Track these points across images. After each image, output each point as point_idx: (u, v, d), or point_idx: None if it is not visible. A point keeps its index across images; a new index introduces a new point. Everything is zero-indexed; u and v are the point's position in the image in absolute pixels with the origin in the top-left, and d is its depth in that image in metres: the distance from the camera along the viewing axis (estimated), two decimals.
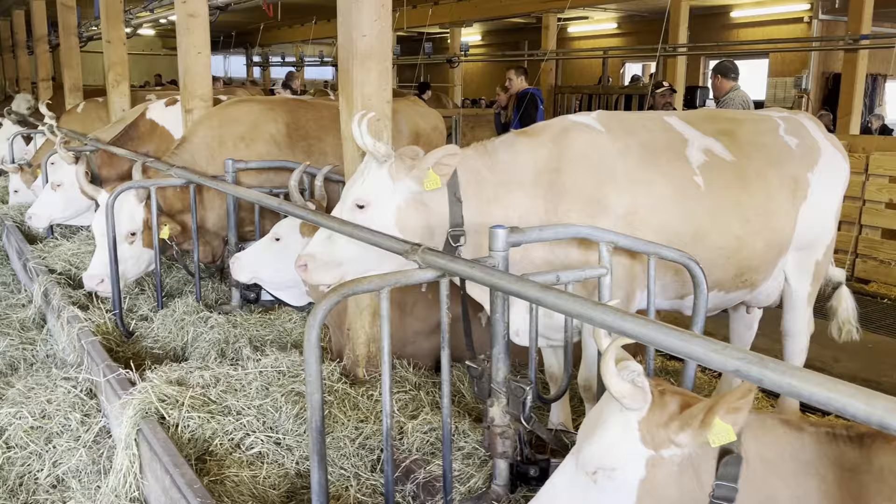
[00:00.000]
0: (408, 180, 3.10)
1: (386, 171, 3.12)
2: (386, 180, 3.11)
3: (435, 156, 3.06)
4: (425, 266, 2.47)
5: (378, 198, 3.11)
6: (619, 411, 2.05)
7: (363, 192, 3.12)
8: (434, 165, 3.06)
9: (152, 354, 4.54)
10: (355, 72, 3.72)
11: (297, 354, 3.94)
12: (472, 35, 23.77)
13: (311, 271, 3.13)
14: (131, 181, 5.02)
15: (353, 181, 3.22)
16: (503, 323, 2.67)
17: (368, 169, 3.16)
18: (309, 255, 3.14)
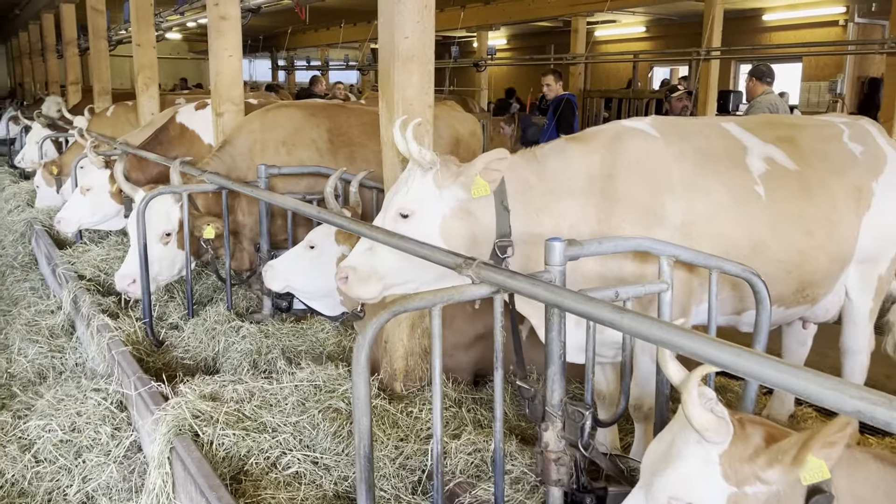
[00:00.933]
0: (454, 188, 2.95)
1: (431, 178, 2.97)
2: (431, 188, 2.97)
3: (483, 161, 2.91)
4: (479, 281, 2.32)
5: (423, 207, 2.97)
6: (697, 443, 1.88)
7: (407, 200, 2.98)
8: (482, 171, 2.92)
9: (183, 365, 4.42)
10: (396, 75, 3.58)
11: (333, 368, 3.80)
12: (498, 39, 23.60)
13: (352, 284, 3.00)
14: (163, 186, 4.92)
15: (396, 189, 3.08)
16: (559, 342, 2.50)
17: (412, 177, 3.02)
18: (350, 267, 3.01)
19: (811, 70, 16.55)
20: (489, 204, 3.02)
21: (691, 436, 1.88)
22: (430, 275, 3.05)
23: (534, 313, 3.22)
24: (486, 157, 2.90)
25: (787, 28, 16.88)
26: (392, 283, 3.05)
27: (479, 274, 2.29)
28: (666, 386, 2.82)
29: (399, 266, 2.98)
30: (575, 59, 14.33)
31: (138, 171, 6.70)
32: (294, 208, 3.75)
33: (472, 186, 2.93)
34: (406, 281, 3.09)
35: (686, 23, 19.00)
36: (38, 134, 10.34)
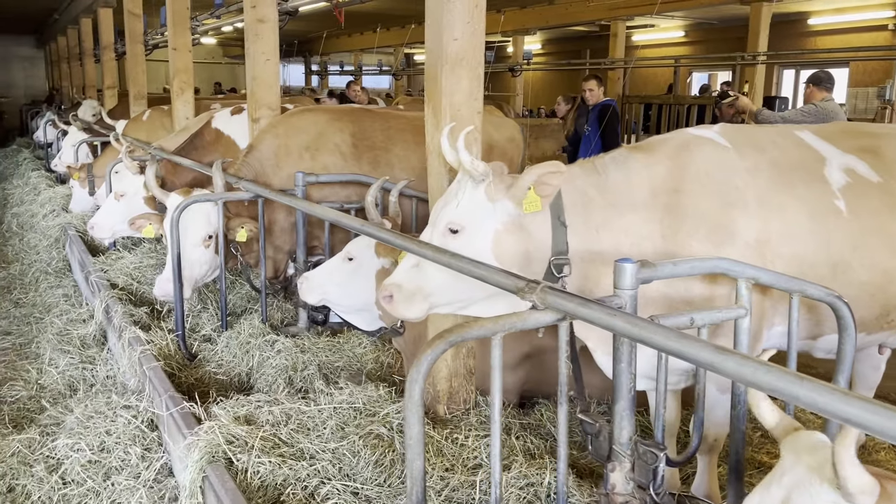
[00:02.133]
0: (506, 201, 2.73)
1: (483, 191, 2.76)
2: (483, 202, 2.76)
3: (534, 173, 2.69)
4: (544, 307, 2.09)
5: (474, 222, 2.76)
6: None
7: (457, 215, 2.77)
8: (534, 184, 2.69)
9: (216, 380, 4.25)
10: (444, 79, 3.37)
11: (373, 389, 3.59)
12: (533, 43, 23.37)
13: (397, 303, 2.80)
14: (197, 194, 4.76)
15: (445, 202, 2.87)
16: (629, 374, 2.27)
17: (462, 189, 2.81)
18: (395, 285, 2.80)
19: (858, 75, 16.05)
20: (545, 219, 2.80)
21: (825, 495, 1.61)
22: (479, 294, 2.84)
23: (591, 336, 2.99)
24: (538, 170, 2.68)
25: (833, 32, 16.40)
26: (439, 302, 2.85)
27: (545, 299, 2.06)
28: (744, 422, 2.56)
29: (448, 284, 2.77)
30: (614, 63, 14.01)
31: (173, 176, 6.58)
32: (335, 220, 3.56)
33: (522, 200, 2.70)
34: (453, 300, 2.89)
35: (727, 27, 18.58)
36: (75, 138, 10.33)
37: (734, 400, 2.55)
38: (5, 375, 5.17)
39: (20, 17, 21.50)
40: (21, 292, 6.99)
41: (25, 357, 5.51)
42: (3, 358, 5.54)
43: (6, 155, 16.14)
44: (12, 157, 15.51)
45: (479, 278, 2.36)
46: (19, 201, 10.49)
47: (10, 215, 10.01)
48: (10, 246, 8.72)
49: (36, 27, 24.41)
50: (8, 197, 11.50)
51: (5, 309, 6.64)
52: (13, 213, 10.00)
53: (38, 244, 8.07)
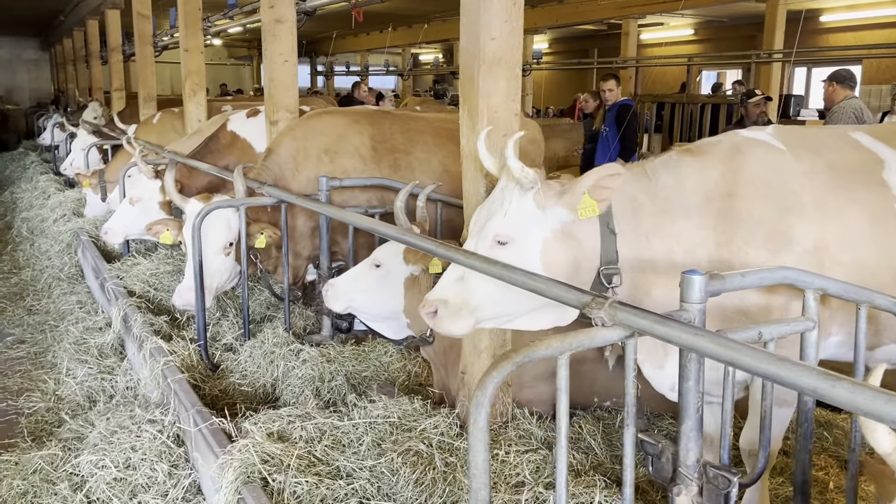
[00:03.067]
0: (558, 208, 2.62)
1: (531, 198, 2.63)
2: (532, 210, 2.64)
3: (593, 177, 2.57)
4: (612, 324, 1.96)
5: (522, 232, 2.63)
6: None
7: (506, 225, 2.64)
8: (591, 189, 2.57)
9: (241, 392, 4.12)
10: (481, 80, 3.23)
11: (407, 402, 3.46)
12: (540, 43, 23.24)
13: (442, 319, 2.66)
14: (219, 200, 4.63)
15: (490, 212, 2.73)
16: (696, 392, 2.13)
17: (509, 197, 2.68)
18: (440, 300, 2.67)
19: (872, 73, 15.88)
20: (594, 226, 2.68)
21: None
22: (527, 306, 2.72)
23: (642, 347, 2.86)
24: (597, 173, 2.57)
25: (846, 30, 16.23)
26: (485, 316, 2.72)
27: (616, 316, 1.92)
28: (810, 440, 2.43)
29: (496, 298, 2.64)
30: (626, 62, 13.86)
31: (188, 180, 6.45)
32: (370, 227, 3.42)
33: (578, 206, 2.58)
34: (501, 314, 2.76)
35: (737, 25, 18.43)
36: (84, 141, 10.22)
37: (801, 417, 2.42)
38: (21, 386, 5.06)
39: (25, 20, 21.41)
40: (34, 299, 6.88)
41: (41, 366, 5.40)
42: (19, 368, 5.42)
43: (13, 158, 16.02)
44: (19, 161, 15.40)
45: (536, 291, 2.23)
46: (28, 206, 10.38)
47: (19, 220, 9.90)
48: (21, 251, 8.60)
49: (41, 29, 24.32)
50: (17, 201, 11.38)
51: (18, 316, 6.52)
52: (23, 217, 9.88)
53: (49, 249, 7.95)
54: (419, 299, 4.09)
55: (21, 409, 4.67)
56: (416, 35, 20.48)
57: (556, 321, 2.79)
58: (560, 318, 2.79)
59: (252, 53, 28.52)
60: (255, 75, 28.65)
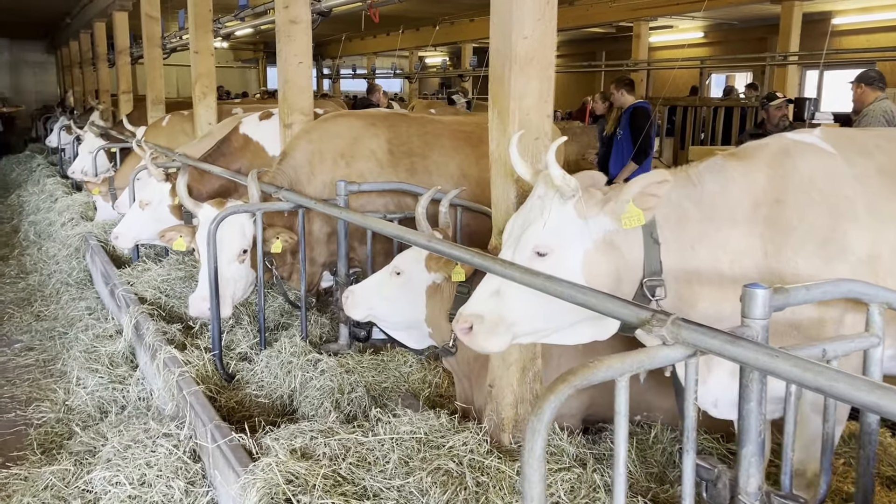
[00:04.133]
0: (602, 217, 2.48)
1: (572, 207, 2.49)
2: (573, 219, 2.50)
3: (639, 184, 2.43)
4: (674, 342, 1.81)
5: (563, 242, 2.49)
6: None
7: (546, 236, 2.50)
8: (637, 197, 2.43)
9: (258, 404, 3.98)
10: (513, 81, 3.10)
11: (433, 417, 3.31)
12: None
13: (478, 335, 2.52)
14: (234, 205, 4.50)
15: (526, 221, 2.59)
16: (759, 414, 1.99)
17: (548, 205, 2.53)
18: (475, 316, 2.52)
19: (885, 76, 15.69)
20: (636, 235, 2.54)
21: None
22: (568, 321, 2.58)
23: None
24: (644, 181, 2.43)
25: (858, 32, 16.06)
26: (523, 332, 2.58)
27: (678, 334, 1.78)
28: (873, 463, 2.28)
29: (535, 313, 2.51)
30: (637, 65, 13.71)
31: (199, 184, 6.33)
32: (396, 234, 3.29)
33: (623, 216, 2.44)
34: (539, 330, 2.62)
35: (747, 27, 18.28)
36: (92, 144, 10.09)
37: (864, 439, 2.28)
38: (30, 395, 4.93)
39: (31, 22, 21.35)
40: (42, 305, 6.75)
41: (50, 375, 5.27)
42: (27, 376, 5.29)
43: (19, 161, 15.91)
44: (26, 164, 15.29)
45: (586, 306, 2.09)
46: (35, 209, 10.26)
47: (26, 223, 9.78)
48: (29, 255, 8.48)
49: (46, 32, 24.26)
50: (24, 204, 11.27)
51: (26, 322, 6.40)
52: (30, 221, 9.76)
53: (57, 254, 7.82)
54: (441, 308, 3.97)
55: (30, 419, 4.55)
56: (423, 38, 20.37)
57: (595, 335, 2.65)
58: (600, 333, 2.66)
59: (258, 56, 28.46)
60: (260, 78, 28.57)
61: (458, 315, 2.58)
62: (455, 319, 2.59)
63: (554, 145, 2.49)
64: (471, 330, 2.52)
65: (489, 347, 2.55)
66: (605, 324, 2.60)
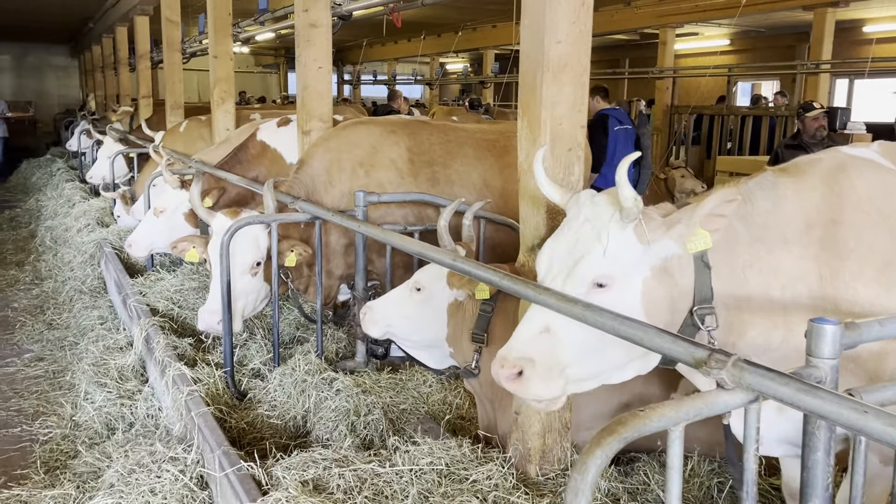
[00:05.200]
0: (666, 241, 2.24)
1: (632, 231, 2.24)
2: (634, 245, 2.24)
3: (710, 204, 2.20)
4: (734, 386, 1.59)
5: (624, 271, 2.24)
6: None
7: (608, 265, 2.23)
8: (705, 218, 2.19)
9: (270, 425, 3.79)
10: (545, 88, 2.90)
11: (455, 446, 3.10)
12: None
13: (530, 382, 2.21)
14: (248, 215, 4.32)
15: (577, 246, 2.29)
16: (826, 465, 1.76)
17: (605, 229, 2.26)
18: (525, 359, 2.22)
19: None
20: (688, 260, 2.30)
21: None
22: (621, 360, 2.34)
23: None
24: (714, 199, 2.20)
25: (891, 41, 15.66)
26: (577, 376, 2.31)
27: (740, 378, 1.56)
28: None
29: (591, 354, 2.25)
30: (663, 72, 13.45)
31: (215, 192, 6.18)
32: (419, 252, 3.08)
33: (689, 239, 2.21)
34: (593, 374, 2.36)
35: (775, 35, 17.92)
36: (110, 149, 10.01)
37: None
38: (37, 409, 4.79)
39: (55, 27, 21.47)
40: (55, 313, 6.62)
41: (59, 387, 5.12)
42: (36, 388, 5.15)
43: (39, 165, 15.91)
44: (46, 168, 15.28)
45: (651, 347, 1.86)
46: (53, 214, 10.19)
47: (43, 228, 9.70)
48: (44, 261, 8.38)
49: (70, 36, 24.41)
50: (41, 209, 11.21)
51: (38, 331, 6.27)
52: (47, 226, 9.68)
53: (72, 260, 7.70)
54: (464, 326, 3.75)
55: (35, 435, 4.39)
56: (445, 44, 20.21)
57: (638, 371, 2.42)
58: (642, 368, 2.43)
59: (279, 61, 28.45)
60: (282, 83, 28.58)
61: (500, 358, 2.27)
62: (497, 362, 2.29)
63: (627, 161, 2.22)
64: (520, 376, 2.23)
65: (543, 395, 2.25)
66: (648, 360, 2.39)
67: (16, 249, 9.38)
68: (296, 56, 5.46)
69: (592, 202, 2.30)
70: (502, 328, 3.68)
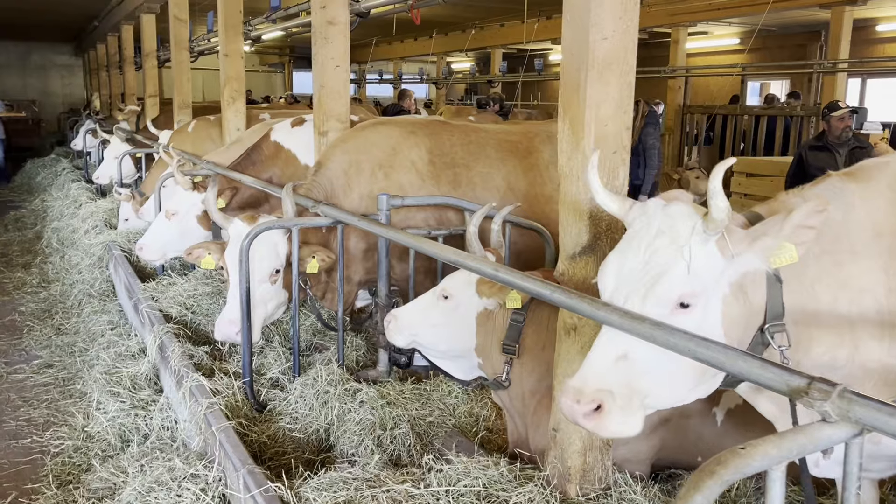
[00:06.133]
0: (748, 255, 2.07)
1: (714, 245, 2.07)
2: (717, 260, 2.08)
3: (800, 215, 2.02)
4: (839, 419, 1.43)
5: (707, 289, 2.07)
6: None
7: (693, 283, 2.05)
8: (795, 230, 2.03)
9: (291, 438, 3.63)
10: (589, 87, 2.73)
11: (492, 465, 2.94)
12: None
13: (611, 417, 2.03)
14: (268, 220, 4.16)
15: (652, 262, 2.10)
16: None
17: (686, 243, 2.08)
18: (603, 392, 2.04)
19: None
20: (761, 276, 2.13)
21: None
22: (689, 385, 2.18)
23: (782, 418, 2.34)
24: (804, 210, 2.02)
25: None
26: (653, 404, 2.14)
27: (847, 411, 1.40)
28: None
29: (670, 380, 2.09)
30: (675, 71, 13.27)
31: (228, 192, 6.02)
32: (454, 261, 2.92)
33: (774, 253, 2.05)
34: (666, 401, 2.20)
35: (786, 34, 17.73)
36: (117, 149, 9.87)
37: None
38: (48, 418, 4.64)
39: (59, 25, 21.33)
40: (63, 317, 6.47)
41: (69, 396, 4.97)
42: (46, 396, 5.00)
43: (44, 165, 15.74)
44: (51, 167, 15.11)
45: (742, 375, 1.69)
46: (59, 215, 10.03)
47: (49, 230, 9.55)
48: (51, 263, 8.23)
49: (75, 35, 24.27)
50: (47, 209, 11.06)
51: (46, 336, 6.12)
52: (53, 227, 9.53)
53: (79, 262, 7.55)
54: (493, 337, 3.58)
55: (47, 446, 4.24)
56: (452, 43, 20.04)
57: (702, 394, 2.26)
58: (707, 391, 2.27)
59: (283, 61, 28.30)
60: (286, 83, 28.43)
61: (574, 391, 2.07)
62: (566, 395, 2.09)
63: (721, 167, 2.01)
64: (597, 410, 2.04)
65: (625, 431, 2.06)
66: (717, 381, 2.23)
67: (22, 251, 9.23)
68: (312, 55, 5.30)
69: (666, 213, 2.13)
70: (534, 339, 3.52)
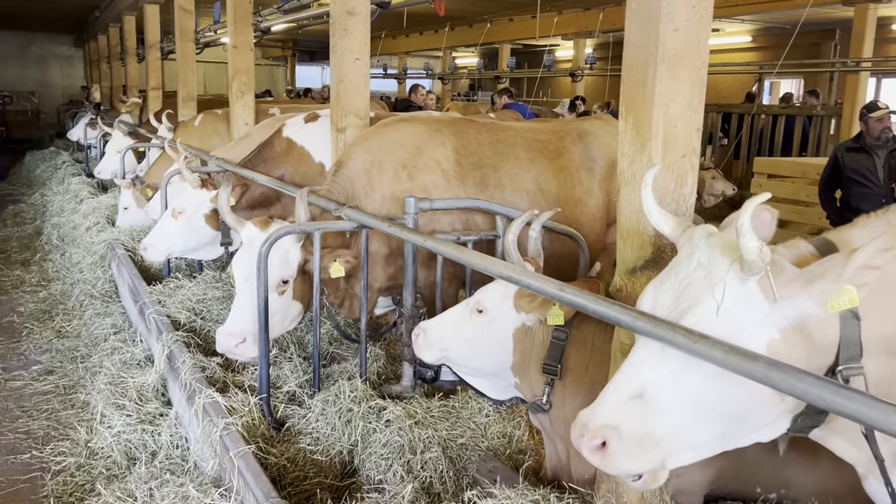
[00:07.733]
0: (800, 298, 1.82)
1: (755, 285, 1.82)
2: (758, 302, 1.83)
3: (863, 256, 1.76)
4: None
5: (742, 332, 1.83)
6: None
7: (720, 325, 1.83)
8: (857, 272, 1.76)
9: (314, 462, 3.35)
10: (657, 83, 2.45)
11: (541, 499, 2.67)
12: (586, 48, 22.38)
13: (617, 456, 1.89)
14: (288, 225, 3.88)
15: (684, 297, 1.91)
16: None
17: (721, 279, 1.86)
18: (610, 427, 1.89)
19: None
20: (834, 315, 1.85)
21: None
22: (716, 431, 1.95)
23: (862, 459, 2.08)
24: (869, 251, 1.75)
25: None
26: (671, 448, 1.93)
27: None
28: None
29: (687, 424, 1.87)
30: None
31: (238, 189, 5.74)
32: (496, 273, 2.64)
33: (833, 297, 1.79)
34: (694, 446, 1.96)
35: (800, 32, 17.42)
36: (120, 143, 9.57)
37: None
38: (48, 432, 4.36)
39: (59, 16, 20.99)
40: (64, 319, 6.17)
41: (71, 405, 4.69)
42: (46, 406, 4.71)
43: (44, 157, 15.38)
44: (50, 160, 14.74)
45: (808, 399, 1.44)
46: (59, 210, 9.72)
47: (49, 226, 9.24)
48: (51, 261, 7.93)
49: (75, 26, 23.92)
50: (47, 204, 10.74)
51: (46, 339, 5.82)
52: (53, 223, 9.22)
53: (81, 261, 7.25)
54: (532, 355, 3.30)
55: (47, 463, 3.96)
56: (458, 38, 19.73)
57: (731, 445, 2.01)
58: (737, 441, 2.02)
59: (286, 54, 27.96)
60: (289, 76, 28.11)
61: (580, 424, 1.95)
62: (576, 430, 1.96)
63: (754, 202, 1.78)
64: (603, 447, 1.90)
65: (630, 470, 1.92)
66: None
67: (21, 247, 8.92)
68: (330, 47, 5.00)
69: (708, 243, 1.88)
70: (578, 358, 3.25)
